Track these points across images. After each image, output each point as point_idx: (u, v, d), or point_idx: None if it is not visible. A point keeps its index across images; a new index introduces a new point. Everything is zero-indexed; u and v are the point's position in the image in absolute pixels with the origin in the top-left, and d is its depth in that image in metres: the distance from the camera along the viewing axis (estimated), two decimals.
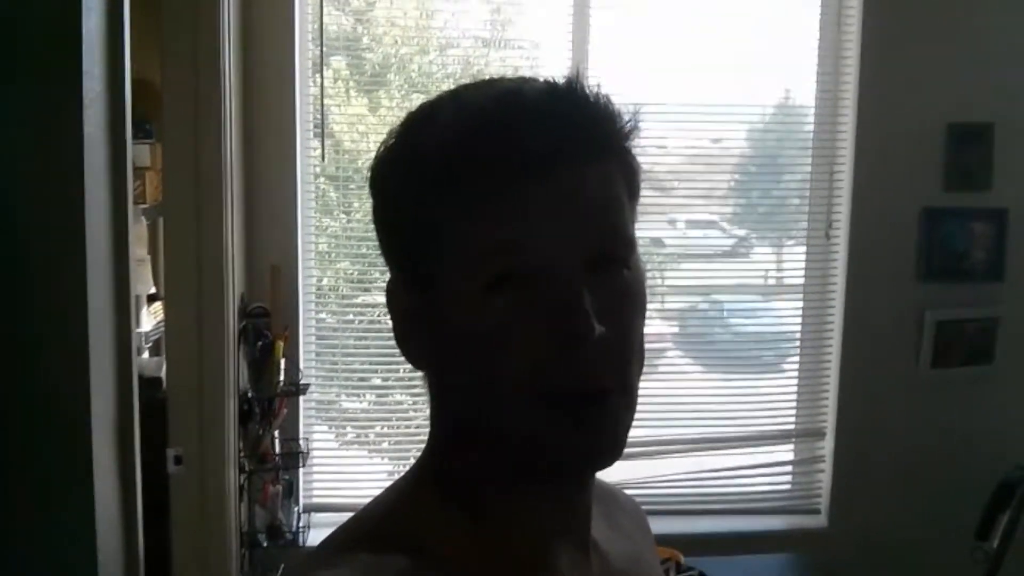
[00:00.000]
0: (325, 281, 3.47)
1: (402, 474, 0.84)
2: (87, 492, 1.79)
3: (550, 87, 0.74)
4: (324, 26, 3.19)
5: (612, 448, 0.74)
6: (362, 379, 3.56)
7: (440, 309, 0.75)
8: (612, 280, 0.73)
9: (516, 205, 0.71)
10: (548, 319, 0.70)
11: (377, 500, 0.82)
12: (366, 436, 3.67)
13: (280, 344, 3.03)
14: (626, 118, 0.76)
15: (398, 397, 3.59)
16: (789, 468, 3.60)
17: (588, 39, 3.31)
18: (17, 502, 1.74)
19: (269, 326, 3.05)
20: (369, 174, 0.80)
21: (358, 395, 3.61)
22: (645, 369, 0.78)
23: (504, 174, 0.70)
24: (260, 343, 3.00)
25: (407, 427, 3.57)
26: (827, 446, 3.51)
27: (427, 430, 0.84)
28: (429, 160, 0.73)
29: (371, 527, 0.78)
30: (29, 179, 1.73)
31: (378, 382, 3.57)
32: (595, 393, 0.72)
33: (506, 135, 0.70)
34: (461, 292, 0.73)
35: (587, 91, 0.73)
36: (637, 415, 0.76)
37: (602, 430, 0.73)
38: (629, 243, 0.76)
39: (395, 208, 0.78)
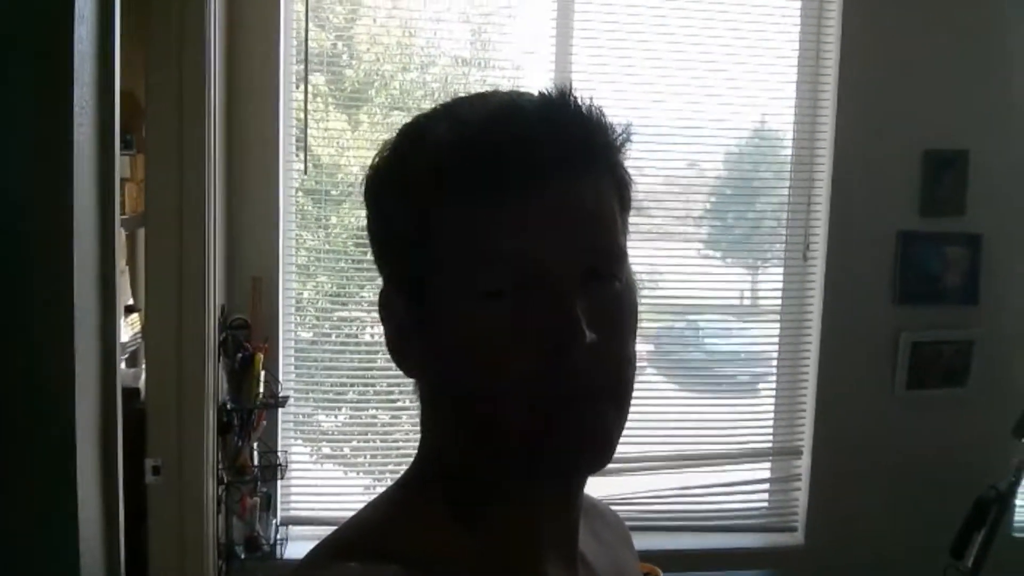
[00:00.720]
0: (305, 295, 3.47)
1: (392, 484, 0.84)
2: (71, 503, 1.77)
3: (544, 99, 0.74)
4: (307, 42, 3.20)
5: (603, 451, 0.74)
6: (339, 393, 3.55)
7: (434, 318, 0.76)
8: (604, 291, 0.74)
9: (510, 217, 0.71)
10: (540, 328, 0.71)
11: (367, 509, 0.82)
12: (342, 450, 3.66)
13: (260, 356, 3.02)
14: (618, 131, 0.77)
15: (374, 412, 3.59)
16: (766, 486, 3.63)
17: (569, 61, 3.34)
18: (1, 510, 1.72)
19: (249, 338, 3.04)
20: (364, 185, 0.80)
21: (335, 409, 3.60)
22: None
23: (498, 186, 0.71)
24: (240, 355, 2.99)
25: (383, 442, 3.56)
26: (804, 464, 3.54)
27: (404, 444, 0.84)
28: (424, 172, 0.74)
29: (362, 536, 0.79)
30: (18, 189, 1.71)
31: (354, 396, 3.57)
32: (588, 397, 0.73)
33: (500, 147, 0.71)
34: (455, 302, 0.74)
35: (580, 103, 0.74)
36: None
37: (593, 433, 0.74)
38: (621, 255, 0.77)
39: (390, 218, 0.78)
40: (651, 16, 3.38)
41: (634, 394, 0.77)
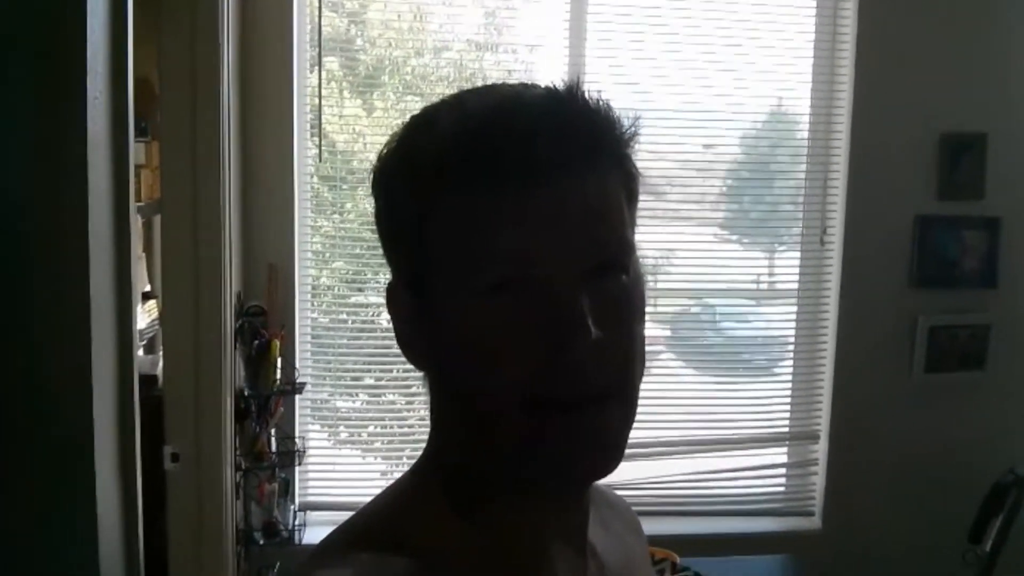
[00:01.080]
0: (321, 280, 3.47)
1: (404, 472, 0.84)
2: (89, 491, 1.78)
3: (550, 93, 0.74)
4: (321, 26, 3.20)
5: (611, 456, 0.74)
6: (355, 379, 3.56)
7: (439, 313, 0.75)
8: (611, 286, 0.73)
9: (515, 212, 0.71)
10: (545, 324, 0.70)
11: (378, 499, 0.82)
12: (359, 435, 3.67)
13: (276, 343, 3.02)
14: (625, 124, 0.76)
15: (391, 397, 3.60)
16: (783, 471, 3.63)
17: (583, 44, 3.32)
18: (19, 501, 1.73)
19: (265, 325, 3.05)
20: (372, 176, 0.80)
21: (352, 395, 3.61)
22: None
23: (503, 180, 0.70)
24: (256, 342, 3.00)
25: (400, 427, 3.57)
26: (821, 449, 3.54)
27: (421, 429, 0.84)
28: (429, 165, 0.73)
29: (372, 527, 0.79)
30: (33, 177, 1.72)
31: (371, 382, 3.57)
32: (593, 398, 0.72)
33: (506, 141, 0.70)
34: (460, 297, 0.73)
35: (587, 97, 0.74)
36: None
37: (600, 437, 0.73)
38: (628, 249, 0.76)
39: (396, 211, 0.78)
40: None
41: (650, 379, 0.76)
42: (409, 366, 0.83)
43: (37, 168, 1.72)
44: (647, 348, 0.78)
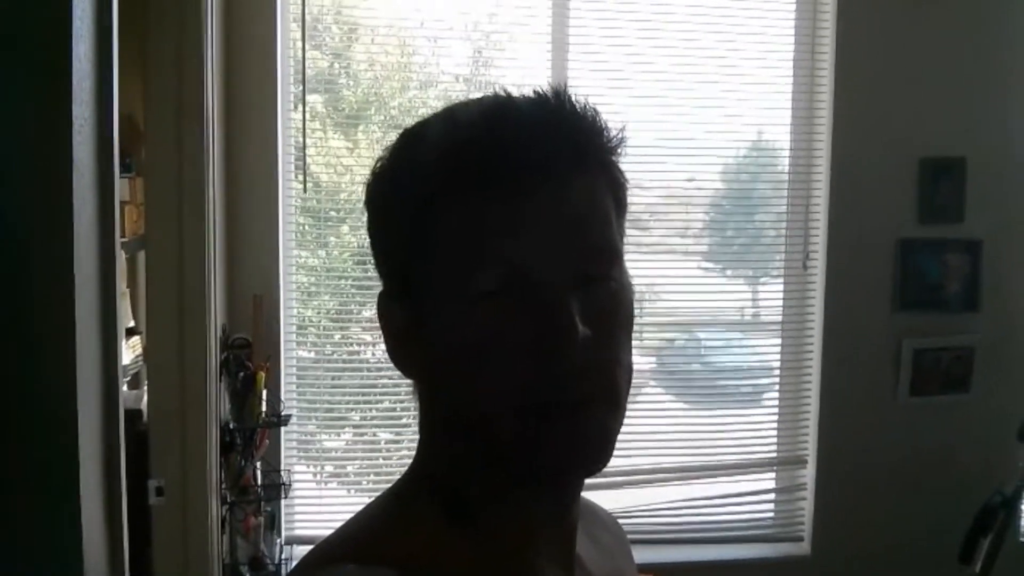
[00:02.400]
0: (308, 313, 3.47)
1: (389, 487, 0.84)
2: (75, 526, 1.76)
3: (538, 99, 0.74)
4: (304, 64, 3.22)
5: (599, 454, 0.74)
6: (340, 415, 3.54)
7: (429, 319, 0.76)
8: (599, 291, 0.74)
9: (505, 218, 0.71)
10: (534, 326, 0.71)
11: (365, 511, 0.82)
12: (345, 470, 3.66)
13: (262, 375, 3.01)
14: (613, 132, 0.76)
15: (377, 434, 3.59)
16: (772, 496, 3.63)
17: (566, 79, 3.36)
18: (4, 536, 1.71)
19: (251, 357, 3.04)
20: (365, 190, 0.81)
21: (337, 430, 3.59)
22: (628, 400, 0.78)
23: (493, 187, 0.71)
24: (241, 374, 2.99)
25: (386, 461, 3.56)
26: (809, 474, 3.54)
27: (406, 465, 0.83)
28: (419, 173, 0.74)
29: (358, 539, 0.78)
30: (17, 204, 1.71)
31: (357, 419, 3.56)
32: (581, 402, 0.72)
33: (495, 148, 0.71)
34: (449, 302, 0.73)
35: (575, 103, 0.74)
36: (620, 445, 0.76)
37: (588, 436, 0.73)
38: (616, 255, 0.76)
39: (389, 222, 0.79)
40: (647, 32, 3.40)
41: (638, 407, 0.77)
42: (395, 399, 0.83)
43: (21, 198, 1.72)
44: (633, 359, 0.78)
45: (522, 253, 0.71)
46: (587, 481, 0.79)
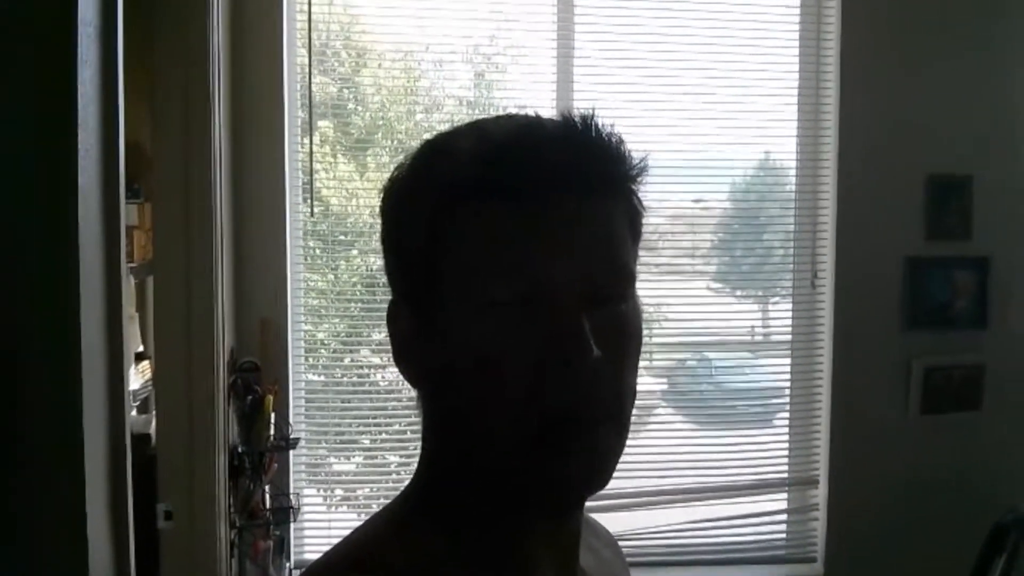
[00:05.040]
0: (318, 336, 3.47)
1: (393, 498, 0.85)
2: (81, 552, 1.76)
3: (566, 122, 0.76)
4: (311, 89, 3.25)
5: (599, 477, 0.75)
6: (350, 439, 3.54)
7: (439, 325, 0.76)
8: (610, 313, 0.75)
9: (527, 231, 0.72)
10: (546, 342, 0.71)
11: (367, 524, 0.83)
12: (355, 494, 3.65)
13: (270, 398, 3.02)
14: (635, 161, 0.78)
15: (386, 457, 3.58)
16: (784, 517, 3.60)
17: (571, 101, 3.37)
18: (10, 561, 1.71)
19: (259, 380, 3.04)
20: (382, 197, 0.82)
21: (347, 454, 3.59)
22: (636, 423, 0.80)
23: (517, 200, 0.72)
24: (250, 397, 2.99)
25: (397, 487, 3.53)
26: (821, 494, 3.51)
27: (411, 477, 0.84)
28: (444, 178, 0.75)
29: (360, 552, 0.79)
30: (22, 229, 1.71)
31: (367, 443, 3.56)
32: (587, 420, 0.73)
33: (522, 163, 0.72)
34: (462, 309, 0.74)
35: (600, 129, 0.75)
36: (629, 466, 0.77)
37: (592, 459, 0.74)
38: (629, 277, 0.77)
39: (406, 229, 0.79)
40: (652, 54, 3.41)
41: (648, 428, 0.78)
42: (406, 423, 0.84)
43: (26, 223, 1.72)
44: (638, 384, 0.79)
45: (539, 266, 0.72)
46: (597, 503, 0.80)
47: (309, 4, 3.19)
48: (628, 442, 0.78)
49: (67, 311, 1.74)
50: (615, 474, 0.77)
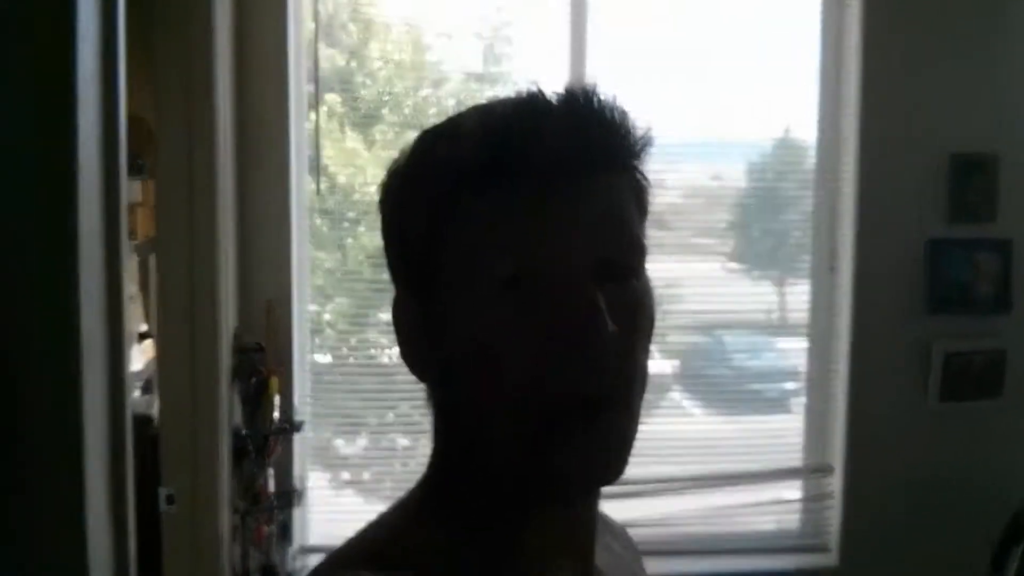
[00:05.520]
0: (323, 317, 3.42)
1: (406, 492, 0.84)
2: (81, 535, 1.75)
3: (568, 96, 0.74)
4: (318, 62, 3.18)
5: (616, 463, 0.74)
6: (357, 420, 3.49)
7: (447, 316, 0.76)
8: (622, 289, 0.74)
9: (532, 208, 0.72)
10: (559, 319, 0.70)
11: (380, 518, 0.82)
12: (361, 478, 3.61)
13: (275, 380, 2.98)
14: (638, 134, 0.77)
15: (393, 438, 3.54)
16: (798, 505, 3.56)
17: (584, 75, 3.30)
18: (8, 543, 1.69)
19: (263, 362, 3.00)
20: (381, 190, 0.81)
21: (353, 435, 3.54)
22: (648, 406, 0.77)
23: (521, 178, 0.71)
24: (254, 380, 2.95)
25: (403, 467, 3.50)
26: (836, 482, 3.45)
27: (423, 471, 0.82)
28: (445, 163, 0.74)
29: (373, 546, 0.78)
30: (22, 213, 1.69)
31: (374, 422, 3.51)
32: (602, 403, 0.72)
33: (525, 141, 0.71)
34: (469, 294, 0.73)
35: (603, 102, 0.74)
36: (640, 452, 0.75)
37: (606, 444, 0.73)
38: (639, 250, 0.77)
39: (409, 218, 0.78)
40: (668, 28, 3.34)
41: (660, 412, 0.74)
42: (415, 404, 0.82)
43: (24, 202, 1.69)
44: (649, 365, 0.78)
45: (548, 241, 0.72)
46: (607, 490, 0.78)
47: None
48: (639, 427, 0.77)
49: (66, 291, 1.72)
50: None
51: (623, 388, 0.74)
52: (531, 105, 0.75)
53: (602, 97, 0.74)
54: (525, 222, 0.72)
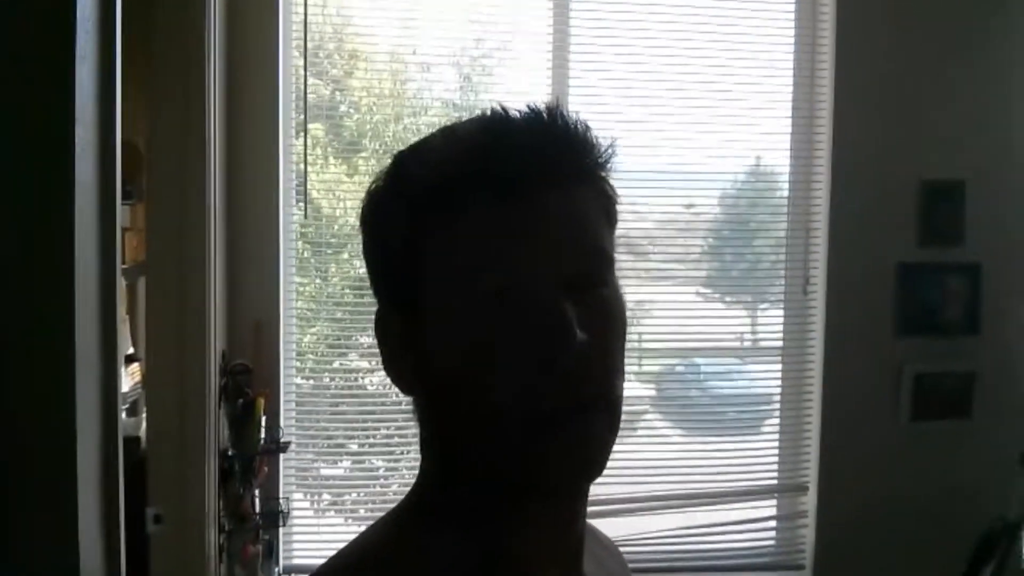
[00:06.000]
0: (306, 339, 3.45)
1: (396, 505, 0.85)
2: (72, 554, 1.75)
3: (533, 113, 0.76)
4: (306, 93, 3.23)
5: (596, 462, 0.75)
6: (339, 444, 3.52)
7: (426, 331, 0.77)
8: (591, 297, 0.75)
9: (500, 224, 0.73)
10: (530, 330, 0.72)
11: (372, 528, 0.83)
12: (343, 501, 3.63)
13: (261, 401, 3.00)
14: (603, 147, 0.79)
15: (375, 463, 3.57)
16: (773, 523, 3.60)
17: (566, 103, 3.35)
18: (2, 564, 1.69)
19: (250, 383, 3.02)
20: (361, 210, 0.83)
21: (336, 459, 3.57)
22: (624, 428, 0.80)
23: (488, 195, 0.73)
24: (241, 400, 2.97)
25: (384, 492, 3.53)
26: (810, 501, 3.51)
27: (403, 493, 0.84)
28: (421, 186, 0.76)
29: (365, 556, 0.79)
30: (19, 232, 1.70)
31: (355, 447, 3.54)
32: (580, 407, 0.73)
33: (487, 158, 0.73)
34: (446, 310, 0.75)
35: (567, 118, 0.77)
36: (618, 472, 0.78)
37: (587, 444, 0.74)
38: (607, 260, 0.79)
39: (388, 237, 0.80)
40: (645, 59, 3.41)
41: (637, 434, 0.78)
42: (393, 430, 0.84)
43: (22, 222, 1.70)
44: (625, 364, 0.80)
45: (515, 256, 0.73)
46: (590, 510, 0.81)
47: (305, 6, 3.17)
48: (616, 447, 0.78)
49: (62, 311, 1.72)
50: (604, 480, 0.78)
51: (601, 389, 0.75)
52: (495, 122, 0.77)
53: (564, 112, 0.77)
54: (493, 239, 0.73)
